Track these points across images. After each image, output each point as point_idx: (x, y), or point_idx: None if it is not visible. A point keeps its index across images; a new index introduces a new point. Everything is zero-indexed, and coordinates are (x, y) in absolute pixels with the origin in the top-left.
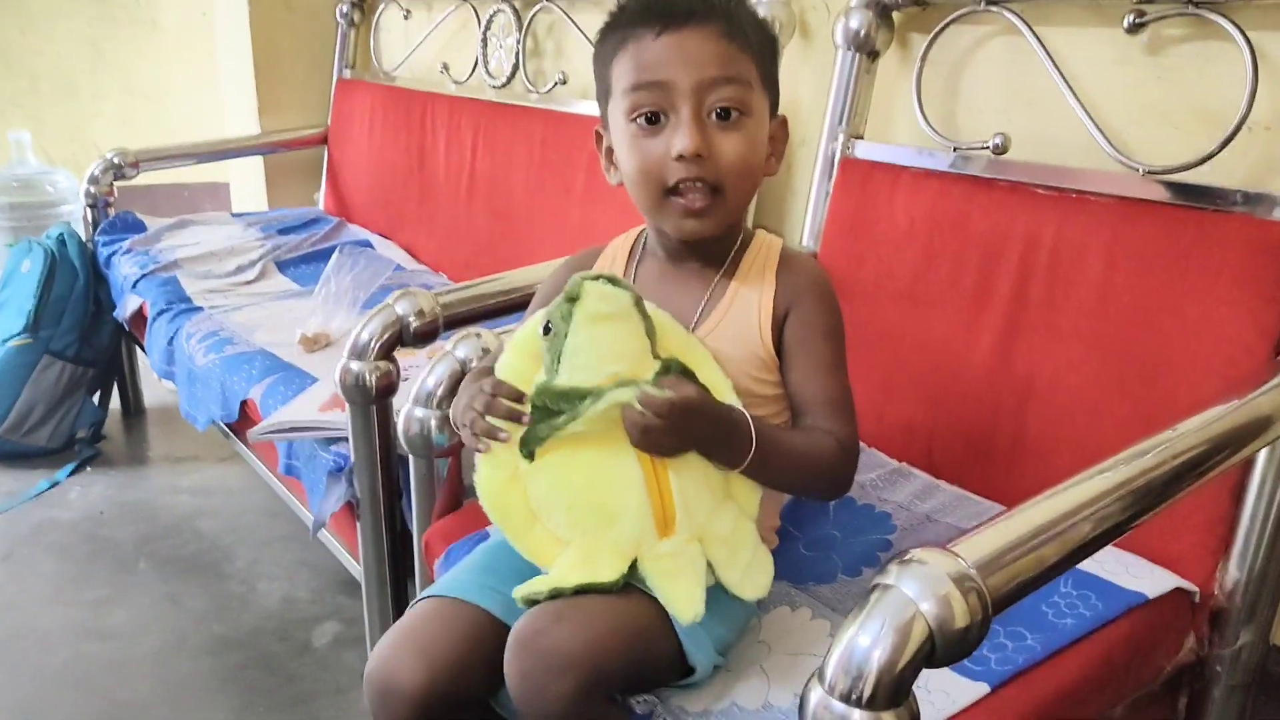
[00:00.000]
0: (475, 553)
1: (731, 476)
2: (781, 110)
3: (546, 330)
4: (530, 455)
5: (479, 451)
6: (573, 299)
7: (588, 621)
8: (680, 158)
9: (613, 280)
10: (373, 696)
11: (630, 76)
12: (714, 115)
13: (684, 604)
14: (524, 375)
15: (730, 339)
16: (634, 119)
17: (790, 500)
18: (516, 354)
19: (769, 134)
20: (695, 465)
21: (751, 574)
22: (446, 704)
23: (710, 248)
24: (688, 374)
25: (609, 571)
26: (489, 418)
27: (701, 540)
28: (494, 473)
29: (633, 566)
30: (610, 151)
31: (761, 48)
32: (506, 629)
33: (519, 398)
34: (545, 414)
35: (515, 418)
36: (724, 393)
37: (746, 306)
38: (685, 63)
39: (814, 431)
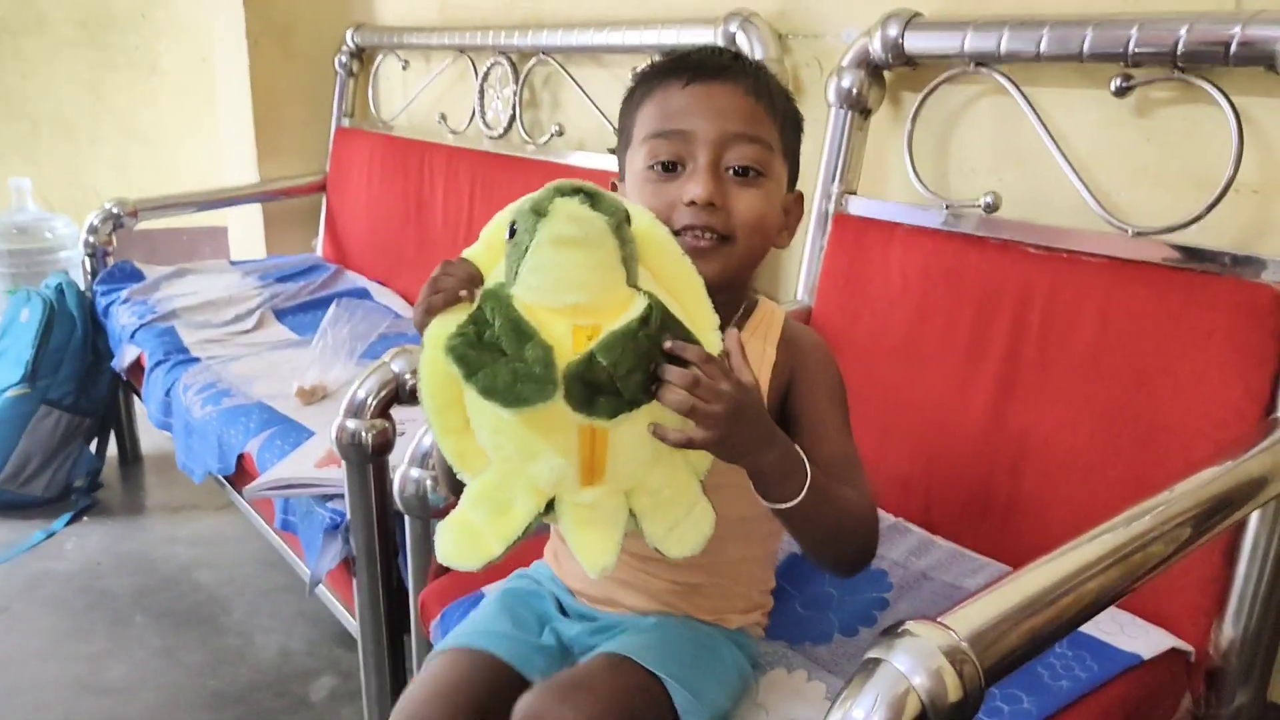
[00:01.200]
0: (490, 601)
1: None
2: None
3: (511, 233)
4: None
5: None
6: (539, 214)
7: (590, 702)
8: (692, 204)
9: (592, 196)
10: None
11: (653, 124)
12: (732, 171)
13: (593, 554)
14: (490, 267)
15: None
16: (651, 166)
17: (785, 556)
18: (485, 245)
19: (784, 206)
20: (640, 417)
21: (680, 530)
22: None
23: (715, 306)
24: (670, 324)
25: (520, 511)
26: (439, 292)
27: (630, 492)
28: (436, 346)
29: (550, 507)
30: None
31: (787, 118)
32: (525, 681)
33: (476, 279)
34: (483, 347)
35: (466, 286)
36: (712, 345)
37: None
38: (710, 113)
39: (851, 488)
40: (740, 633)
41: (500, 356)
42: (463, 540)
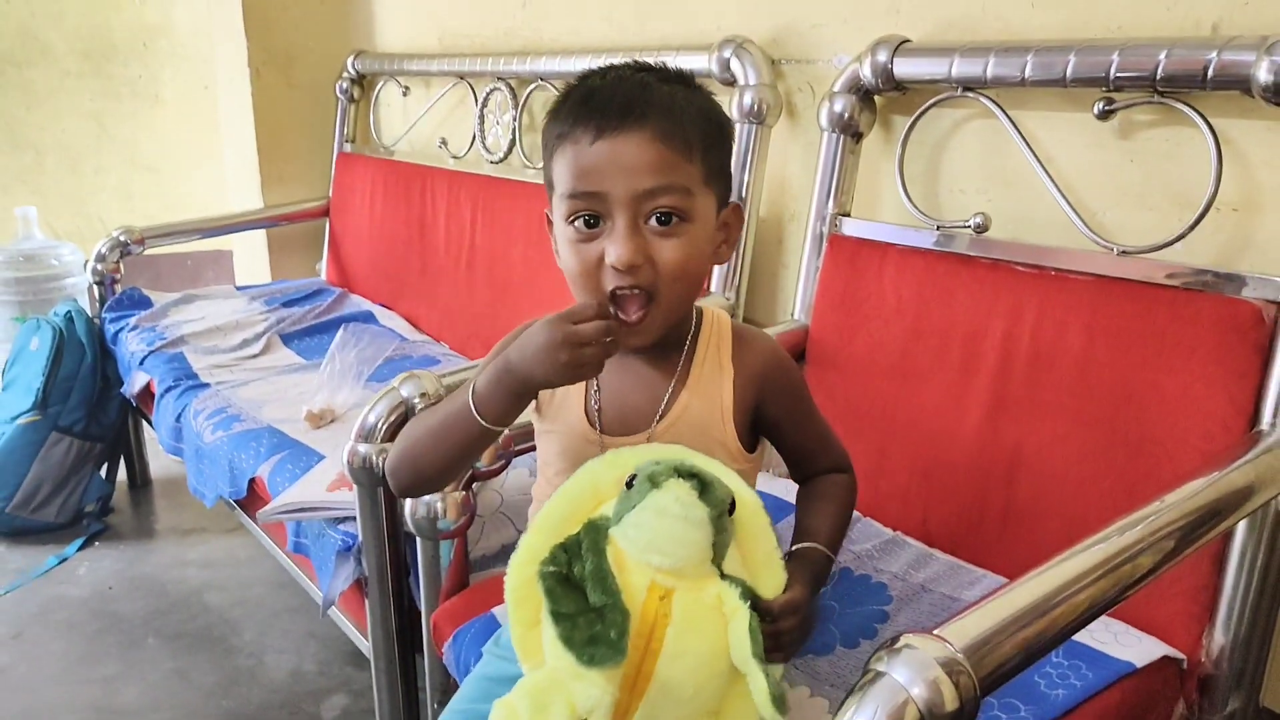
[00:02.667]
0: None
1: (730, 695)
2: (772, 188)
3: (630, 483)
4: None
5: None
6: (654, 483)
7: None
8: (615, 268)
9: (705, 484)
10: None
11: (567, 182)
12: (654, 219)
13: None
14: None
15: (694, 431)
16: (572, 222)
17: None
18: (540, 535)
19: (722, 221)
20: (685, 679)
21: None
22: None
23: (665, 336)
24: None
25: (555, 718)
26: (585, 349)
27: None
28: (530, 558)
29: None
30: None
31: (707, 144)
32: None
33: (588, 316)
34: (569, 585)
35: (603, 336)
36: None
37: (708, 400)
38: (620, 172)
39: (832, 484)
40: None
41: (582, 601)
42: None
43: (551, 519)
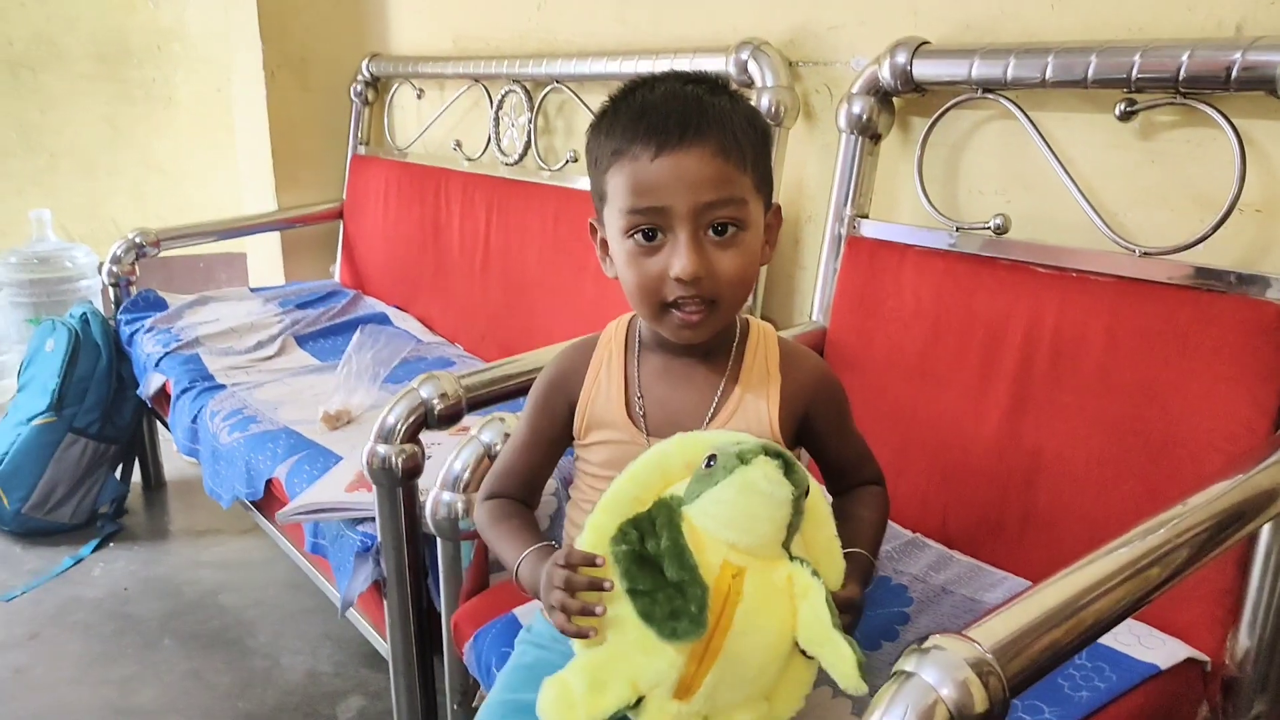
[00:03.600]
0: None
1: (782, 680)
2: (789, 189)
3: (708, 463)
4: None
5: (580, 637)
6: (743, 461)
7: None
8: (679, 280)
9: (789, 465)
10: None
11: (628, 198)
12: (711, 230)
13: None
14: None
15: (745, 429)
16: (631, 235)
17: None
18: (608, 515)
19: (766, 223)
20: (750, 657)
21: None
22: None
23: (711, 342)
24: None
25: (613, 697)
26: (577, 594)
27: (709, 717)
28: (599, 538)
29: (639, 700)
30: (605, 244)
31: (757, 151)
32: None
33: (591, 563)
34: (644, 562)
35: (598, 587)
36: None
37: (756, 406)
38: (682, 188)
39: (870, 495)
40: None
41: (659, 577)
42: (559, 701)
43: (620, 500)
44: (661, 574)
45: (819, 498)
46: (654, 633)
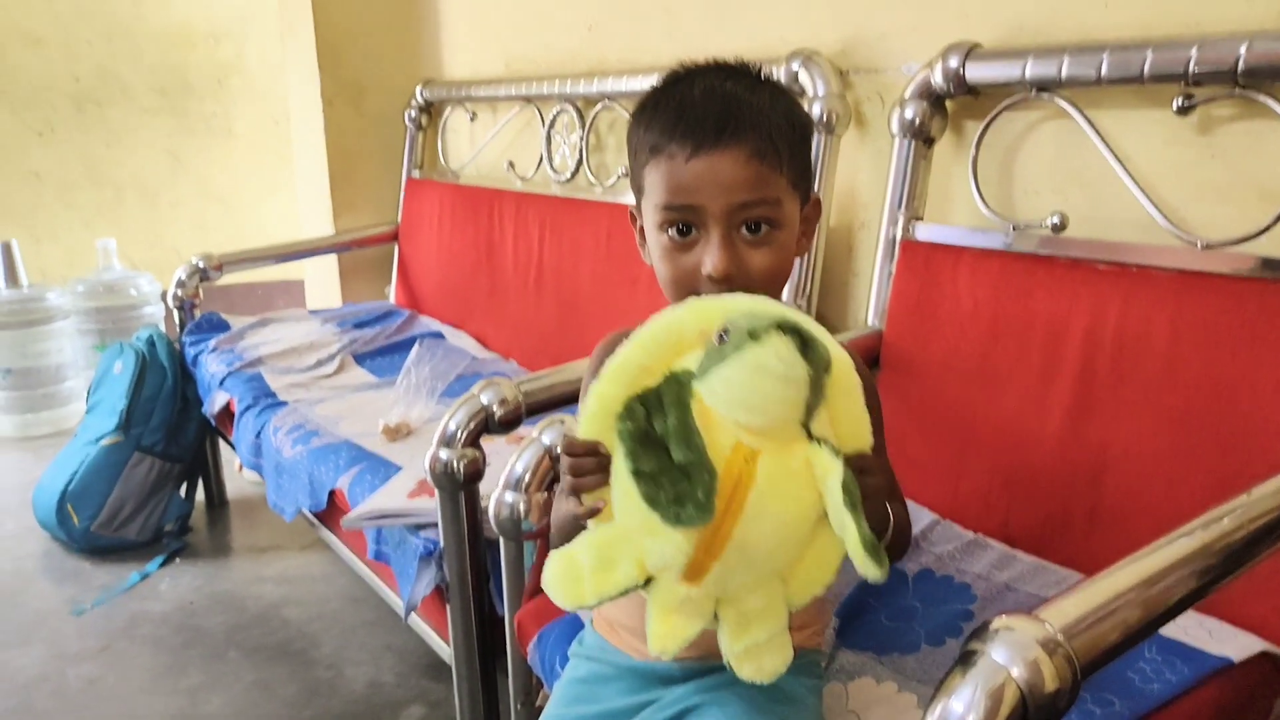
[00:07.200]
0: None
1: (801, 562)
2: (842, 197)
3: (720, 338)
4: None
5: (588, 518)
6: (753, 336)
7: None
8: (710, 277)
9: (807, 341)
10: None
11: (662, 195)
12: (745, 229)
13: (662, 637)
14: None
15: None
16: (666, 230)
17: (859, 580)
18: (615, 385)
19: (804, 215)
20: (762, 543)
21: (758, 654)
22: None
23: None
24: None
25: (621, 575)
26: (578, 478)
27: (721, 601)
28: (604, 409)
29: (648, 581)
30: (644, 232)
31: (794, 150)
32: None
33: (594, 451)
34: (650, 442)
35: (604, 469)
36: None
37: None
38: (716, 188)
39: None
40: (801, 652)
41: (664, 459)
42: (565, 576)
43: (628, 369)
44: (668, 455)
45: (848, 369)
46: (658, 518)
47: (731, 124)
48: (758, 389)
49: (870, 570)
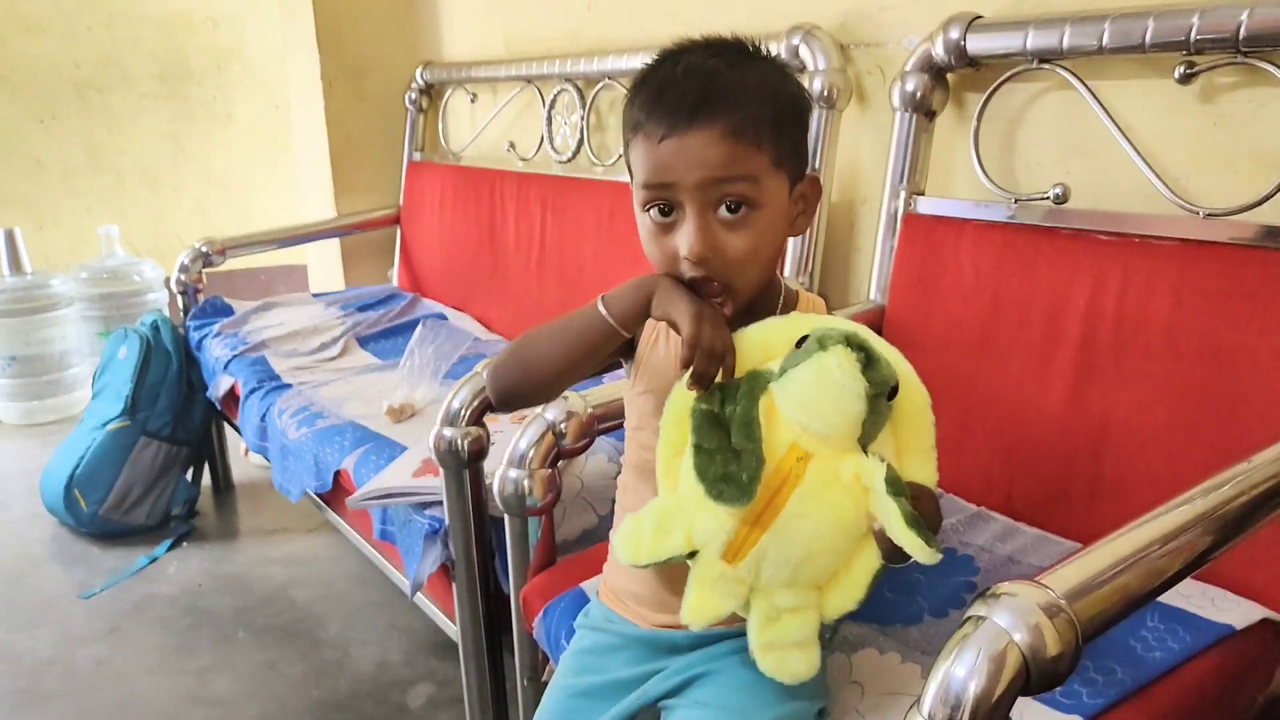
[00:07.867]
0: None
1: (837, 576)
2: (844, 172)
3: (800, 342)
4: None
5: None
6: (822, 346)
7: None
8: (686, 258)
9: (871, 360)
10: None
11: (641, 173)
12: (723, 208)
13: (694, 610)
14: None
15: None
16: (648, 209)
17: None
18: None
19: (799, 194)
20: (799, 539)
21: (783, 651)
22: None
23: (759, 308)
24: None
25: (672, 543)
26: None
27: (755, 591)
28: (689, 395)
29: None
30: None
31: (778, 127)
32: None
33: (731, 366)
34: (716, 422)
35: (724, 371)
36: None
37: None
38: (688, 166)
39: None
40: None
41: (724, 440)
42: (631, 537)
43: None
44: (728, 438)
45: (923, 405)
46: (702, 490)
47: (706, 105)
48: (819, 393)
49: (915, 546)
